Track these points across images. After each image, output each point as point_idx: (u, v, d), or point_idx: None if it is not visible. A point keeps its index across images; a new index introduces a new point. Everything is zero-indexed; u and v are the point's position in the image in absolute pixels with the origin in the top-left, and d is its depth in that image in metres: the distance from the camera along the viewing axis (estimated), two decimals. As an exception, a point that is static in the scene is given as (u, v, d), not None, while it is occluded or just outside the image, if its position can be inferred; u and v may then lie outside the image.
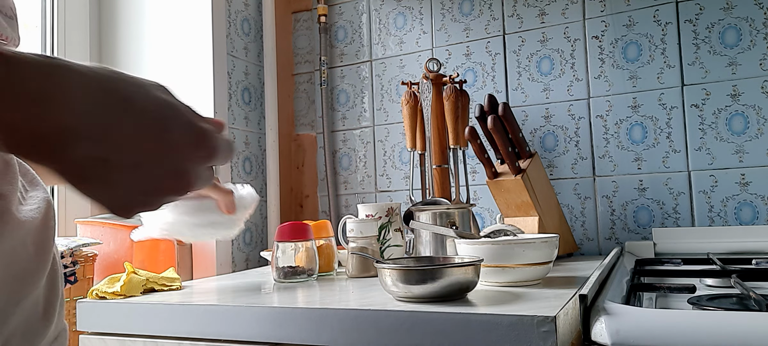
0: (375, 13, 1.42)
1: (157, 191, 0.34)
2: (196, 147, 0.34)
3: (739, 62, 1.09)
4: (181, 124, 0.34)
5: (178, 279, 0.90)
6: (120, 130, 0.31)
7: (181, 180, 0.34)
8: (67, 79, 0.30)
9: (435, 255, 0.96)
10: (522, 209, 1.08)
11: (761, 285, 0.78)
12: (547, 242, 0.75)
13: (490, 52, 1.29)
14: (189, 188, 0.35)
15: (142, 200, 0.34)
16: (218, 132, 0.39)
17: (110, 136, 0.31)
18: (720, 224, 1.10)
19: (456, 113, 1.04)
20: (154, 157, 0.32)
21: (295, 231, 0.93)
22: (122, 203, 0.33)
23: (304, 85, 1.50)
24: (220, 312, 0.70)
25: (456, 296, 0.65)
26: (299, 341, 0.65)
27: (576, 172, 1.21)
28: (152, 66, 1.30)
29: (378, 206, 1.07)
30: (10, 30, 0.41)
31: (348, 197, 1.43)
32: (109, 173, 0.31)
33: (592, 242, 1.20)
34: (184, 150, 0.34)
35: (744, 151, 1.09)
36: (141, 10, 1.32)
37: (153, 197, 0.34)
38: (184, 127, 0.34)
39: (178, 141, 0.33)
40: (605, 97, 1.19)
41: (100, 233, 1.01)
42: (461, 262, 0.69)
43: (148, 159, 0.32)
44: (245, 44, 1.37)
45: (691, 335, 0.51)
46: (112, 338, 0.76)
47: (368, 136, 1.41)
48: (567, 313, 0.58)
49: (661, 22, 1.15)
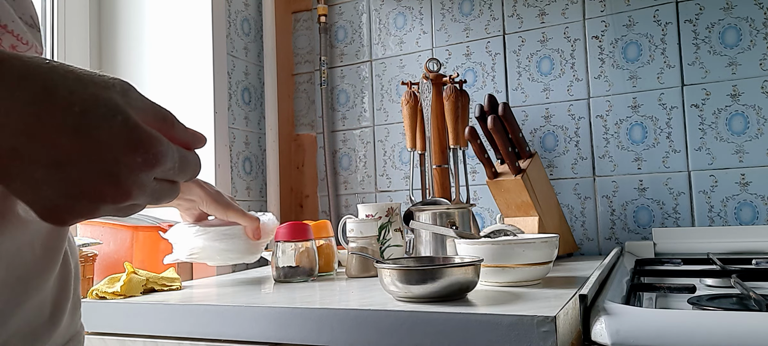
0: (375, 13, 1.42)
1: (85, 195, 0.31)
2: (132, 150, 0.31)
3: (739, 62, 1.09)
4: (115, 123, 0.31)
5: (178, 279, 0.90)
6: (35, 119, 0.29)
7: (113, 186, 0.31)
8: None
9: (435, 255, 0.96)
10: (522, 209, 1.08)
11: (761, 285, 0.78)
12: (547, 242, 0.75)
13: (490, 52, 1.29)
14: (126, 197, 0.32)
15: (70, 204, 0.31)
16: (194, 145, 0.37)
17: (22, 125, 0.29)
18: (720, 224, 1.10)
19: (456, 113, 1.04)
20: (75, 155, 0.30)
21: (295, 231, 0.93)
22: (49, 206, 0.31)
23: (304, 85, 1.50)
24: (220, 312, 0.70)
25: (456, 296, 0.65)
26: (299, 341, 0.65)
27: (576, 172, 1.21)
28: (152, 66, 1.30)
29: (378, 206, 1.07)
30: (31, 36, 0.41)
31: (348, 197, 1.43)
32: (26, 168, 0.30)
33: (592, 242, 1.20)
34: (115, 152, 0.31)
35: (744, 151, 1.09)
36: (141, 10, 1.32)
37: (81, 202, 0.31)
38: (118, 127, 0.31)
39: (105, 141, 0.31)
40: (605, 97, 1.19)
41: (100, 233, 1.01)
42: (461, 262, 0.69)
43: (68, 157, 0.30)
44: (245, 44, 1.37)
45: (691, 335, 0.51)
46: (112, 338, 0.76)
47: (368, 136, 1.41)
48: (567, 313, 0.58)
49: (661, 22, 1.15)
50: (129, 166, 0.31)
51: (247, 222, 0.91)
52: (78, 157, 0.30)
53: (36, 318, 0.43)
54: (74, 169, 0.30)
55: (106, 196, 0.31)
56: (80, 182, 0.31)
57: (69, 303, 0.47)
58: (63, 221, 0.32)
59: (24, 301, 0.41)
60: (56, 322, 0.45)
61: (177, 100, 1.26)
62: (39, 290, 0.43)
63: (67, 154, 0.30)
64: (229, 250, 0.90)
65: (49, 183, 0.30)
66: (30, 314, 0.42)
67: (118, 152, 0.31)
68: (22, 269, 0.41)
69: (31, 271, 0.42)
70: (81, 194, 0.31)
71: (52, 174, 0.30)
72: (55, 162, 0.30)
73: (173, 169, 0.34)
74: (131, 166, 0.31)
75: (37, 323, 0.43)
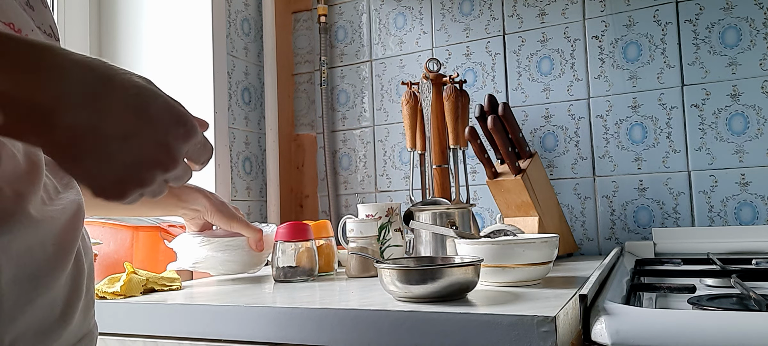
0: (375, 13, 1.42)
1: (145, 165, 0.36)
2: (176, 123, 0.37)
3: (739, 62, 1.09)
4: (160, 102, 0.37)
5: (178, 279, 0.90)
6: (107, 101, 0.34)
7: (166, 153, 0.37)
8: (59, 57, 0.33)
9: (435, 255, 0.96)
10: (522, 209, 1.08)
11: (761, 285, 0.78)
12: (547, 242, 0.75)
13: (490, 52, 1.29)
14: (173, 164, 0.37)
15: (132, 174, 0.36)
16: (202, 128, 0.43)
17: (98, 106, 0.34)
18: (720, 224, 1.10)
19: (456, 113, 1.04)
20: (137, 128, 0.35)
21: (295, 231, 0.93)
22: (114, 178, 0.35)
23: (304, 85, 1.50)
24: (220, 312, 0.70)
25: (456, 296, 0.65)
26: (299, 341, 0.65)
27: (576, 172, 1.21)
28: (152, 66, 1.30)
29: (378, 206, 1.07)
30: None
31: (348, 197, 1.43)
32: (99, 143, 0.34)
33: (592, 242, 1.20)
34: (165, 124, 0.36)
35: (744, 151, 1.09)
36: (141, 10, 1.32)
37: (142, 171, 0.36)
38: (163, 105, 0.37)
39: (157, 115, 0.36)
40: (605, 97, 1.19)
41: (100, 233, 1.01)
42: (461, 262, 0.69)
43: (132, 130, 0.35)
44: (245, 44, 1.37)
45: (691, 335, 0.51)
46: (112, 338, 0.76)
47: (368, 136, 1.41)
48: (567, 313, 0.58)
49: (661, 22, 1.15)
50: (176, 136, 0.37)
51: (250, 233, 0.94)
52: (140, 130, 0.35)
53: (47, 316, 0.43)
54: (137, 141, 0.35)
55: (160, 162, 0.37)
56: (142, 151, 0.36)
57: (81, 302, 0.48)
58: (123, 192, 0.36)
59: (34, 298, 0.41)
60: (67, 320, 0.45)
61: (177, 100, 1.26)
62: (49, 288, 0.43)
63: (132, 129, 0.35)
64: (231, 261, 0.93)
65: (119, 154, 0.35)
66: (41, 311, 0.42)
67: (168, 124, 0.37)
68: (33, 267, 0.41)
69: (42, 269, 0.42)
70: (142, 163, 0.36)
71: (121, 146, 0.35)
72: (124, 135, 0.35)
73: (200, 142, 0.41)
74: (177, 136, 0.37)
75: (48, 320, 0.43)
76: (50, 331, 0.44)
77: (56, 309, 0.44)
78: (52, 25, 0.45)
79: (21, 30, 0.40)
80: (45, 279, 0.43)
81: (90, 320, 0.51)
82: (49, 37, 0.43)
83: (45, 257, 0.43)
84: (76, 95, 0.33)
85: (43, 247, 0.42)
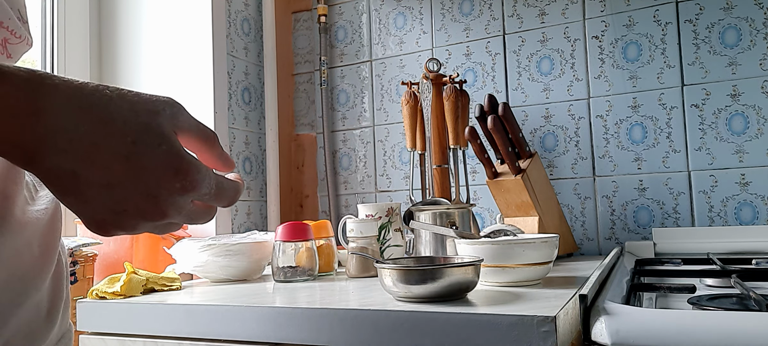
0: (375, 13, 1.42)
1: (128, 213, 0.34)
2: (173, 176, 0.35)
3: (739, 62, 1.09)
4: (160, 152, 0.34)
5: (178, 279, 0.90)
6: (94, 148, 0.32)
7: (153, 205, 0.35)
8: (51, 98, 0.32)
9: (435, 255, 0.96)
10: (522, 209, 1.08)
11: (761, 285, 0.78)
12: (547, 242, 0.75)
13: (490, 52, 1.29)
14: (163, 216, 0.35)
15: (114, 219, 0.34)
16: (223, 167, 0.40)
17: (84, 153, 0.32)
18: (720, 224, 1.10)
19: (456, 113, 1.04)
20: (124, 178, 0.33)
21: (295, 231, 0.93)
22: (95, 220, 0.34)
23: (304, 85, 1.50)
24: (220, 312, 0.70)
25: (456, 296, 0.65)
26: (299, 341, 0.65)
27: (576, 172, 1.21)
28: (152, 66, 1.30)
29: (378, 206, 1.07)
30: (24, 31, 0.42)
31: (348, 197, 1.43)
32: (80, 187, 0.33)
33: (592, 242, 1.19)
34: (158, 176, 0.34)
35: (744, 151, 1.09)
36: (141, 10, 1.32)
37: (124, 219, 0.35)
38: (163, 155, 0.34)
39: (150, 166, 0.34)
40: (605, 97, 1.19)
41: (100, 233, 1.01)
42: (461, 262, 0.69)
43: (118, 180, 0.33)
44: (245, 44, 1.37)
45: (691, 335, 0.51)
46: (112, 338, 0.76)
47: (368, 136, 1.41)
48: (567, 313, 0.58)
49: (661, 22, 1.15)
50: (168, 190, 0.35)
51: None
52: (126, 180, 0.34)
53: (35, 317, 0.43)
54: (122, 190, 0.34)
55: (146, 214, 0.35)
56: (125, 200, 0.34)
57: (63, 301, 0.48)
58: (107, 232, 0.35)
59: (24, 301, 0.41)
60: (53, 319, 0.46)
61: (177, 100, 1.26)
62: (37, 289, 0.43)
63: (117, 178, 0.33)
64: (231, 266, 0.93)
65: (98, 200, 0.34)
66: (29, 313, 0.42)
67: (160, 177, 0.34)
68: (22, 269, 0.41)
69: (29, 270, 0.42)
70: (125, 211, 0.34)
71: (102, 193, 0.33)
72: (106, 184, 0.33)
73: (209, 194, 0.37)
74: (170, 189, 0.35)
75: (36, 322, 0.43)
76: (39, 331, 0.44)
77: (43, 310, 0.44)
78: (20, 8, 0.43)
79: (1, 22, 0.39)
80: (33, 280, 0.43)
81: (67, 319, 0.51)
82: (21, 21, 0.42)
83: (32, 259, 0.43)
84: (63, 140, 0.32)
85: (30, 248, 0.42)
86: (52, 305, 0.46)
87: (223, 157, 0.40)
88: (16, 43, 0.41)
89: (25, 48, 0.43)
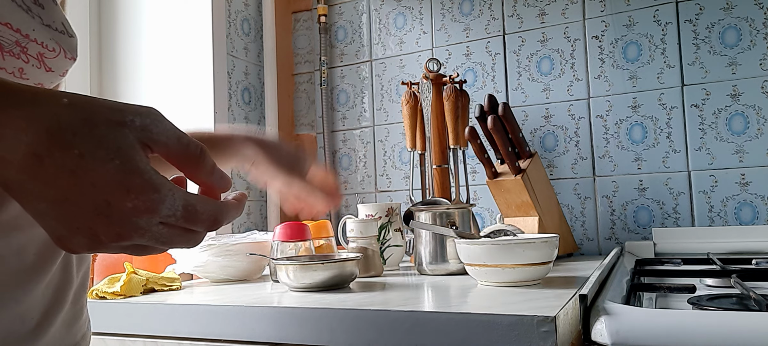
0: (375, 13, 1.42)
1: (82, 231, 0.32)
2: (124, 195, 0.31)
3: (739, 62, 1.09)
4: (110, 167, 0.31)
5: (178, 279, 0.90)
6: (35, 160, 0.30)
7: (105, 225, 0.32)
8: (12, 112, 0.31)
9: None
10: (522, 209, 1.08)
11: (761, 285, 0.78)
12: (547, 242, 0.75)
13: (490, 52, 1.29)
14: (119, 238, 0.32)
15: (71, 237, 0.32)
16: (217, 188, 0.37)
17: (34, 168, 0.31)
18: (720, 224, 1.10)
19: (456, 113, 1.04)
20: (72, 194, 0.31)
21: (294, 231, 0.93)
22: (55, 235, 0.33)
23: (304, 85, 1.50)
24: (220, 312, 0.70)
25: (339, 285, 0.80)
26: (299, 341, 0.65)
27: (576, 172, 1.21)
28: (152, 66, 1.30)
29: (378, 206, 1.07)
30: (58, 43, 0.41)
31: (348, 197, 1.43)
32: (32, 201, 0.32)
33: (592, 242, 1.19)
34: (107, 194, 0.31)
35: (744, 151, 1.08)
36: (141, 10, 1.32)
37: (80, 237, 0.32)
38: (113, 171, 0.31)
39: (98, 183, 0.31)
40: (605, 97, 1.19)
41: (100, 233, 1.01)
42: (340, 258, 0.83)
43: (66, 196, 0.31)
44: (245, 44, 1.37)
45: (691, 335, 0.51)
46: (112, 338, 0.76)
47: (368, 136, 1.41)
48: (567, 313, 0.58)
49: (661, 22, 1.15)
50: (120, 209, 0.32)
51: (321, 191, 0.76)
52: (74, 196, 0.31)
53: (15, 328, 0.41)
54: (72, 207, 0.31)
55: (99, 234, 0.32)
56: (77, 218, 0.32)
57: (62, 314, 0.45)
58: (71, 249, 0.33)
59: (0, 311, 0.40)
60: (41, 333, 0.43)
61: (177, 101, 1.26)
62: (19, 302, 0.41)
63: (64, 193, 0.31)
64: (231, 266, 0.93)
65: (52, 216, 0.32)
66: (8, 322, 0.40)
67: (109, 195, 0.31)
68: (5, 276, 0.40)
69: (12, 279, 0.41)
70: (78, 229, 0.32)
71: (54, 209, 0.32)
72: (55, 199, 0.31)
73: (174, 216, 0.33)
74: (122, 209, 0.32)
75: (17, 332, 0.41)
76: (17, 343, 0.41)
77: (30, 321, 0.42)
78: (63, 22, 0.42)
79: (19, 29, 0.38)
80: (15, 292, 0.41)
81: (76, 333, 0.48)
82: (61, 33, 0.41)
83: (22, 267, 0.41)
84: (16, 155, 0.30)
85: (20, 255, 0.41)
86: (44, 316, 0.43)
87: (211, 174, 0.36)
88: (52, 56, 0.40)
89: (65, 62, 0.42)
